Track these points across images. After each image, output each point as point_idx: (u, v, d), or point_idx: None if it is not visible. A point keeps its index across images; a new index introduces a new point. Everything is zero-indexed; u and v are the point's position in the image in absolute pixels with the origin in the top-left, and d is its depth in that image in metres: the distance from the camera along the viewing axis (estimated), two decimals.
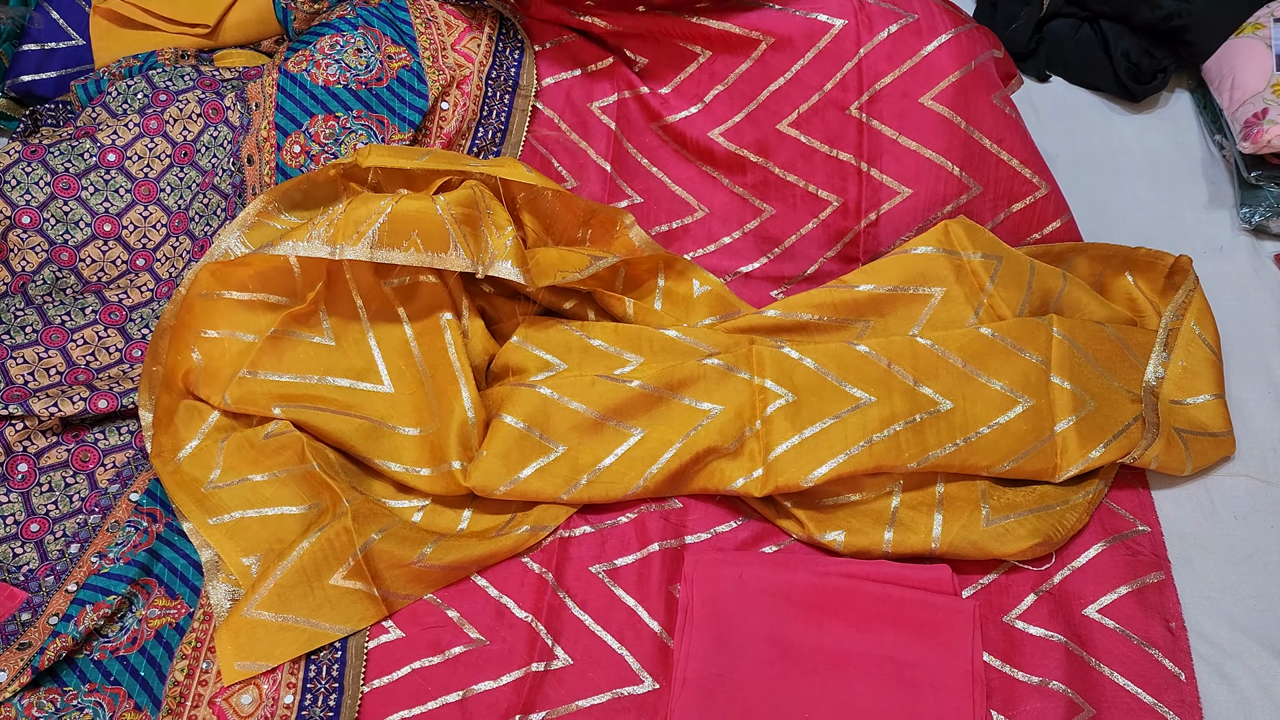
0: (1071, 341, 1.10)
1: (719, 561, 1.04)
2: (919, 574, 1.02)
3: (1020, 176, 1.23)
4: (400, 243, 1.05)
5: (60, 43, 1.45)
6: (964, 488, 1.06)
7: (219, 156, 1.29)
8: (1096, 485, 1.07)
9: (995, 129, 1.22)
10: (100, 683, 0.97)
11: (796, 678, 0.96)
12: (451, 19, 1.28)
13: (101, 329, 1.23)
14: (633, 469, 1.07)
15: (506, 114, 1.26)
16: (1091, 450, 1.05)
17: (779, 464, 1.05)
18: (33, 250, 1.25)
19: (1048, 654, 0.98)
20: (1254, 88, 1.36)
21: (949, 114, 1.20)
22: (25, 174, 1.26)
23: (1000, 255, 1.15)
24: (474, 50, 1.25)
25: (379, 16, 1.27)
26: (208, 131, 1.30)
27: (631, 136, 1.30)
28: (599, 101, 1.28)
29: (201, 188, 1.29)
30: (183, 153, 1.30)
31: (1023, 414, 1.06)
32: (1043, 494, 1.07)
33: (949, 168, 1.21)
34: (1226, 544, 1.07)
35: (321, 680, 0.97)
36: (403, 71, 1.23)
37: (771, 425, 1.07)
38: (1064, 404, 1.07)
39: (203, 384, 1.11)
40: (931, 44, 1.19)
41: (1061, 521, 1.04)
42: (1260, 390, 1.19)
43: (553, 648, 1.00)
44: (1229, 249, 1.35)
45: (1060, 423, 1.06)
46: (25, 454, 1.13)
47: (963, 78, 1.19)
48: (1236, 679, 0.98)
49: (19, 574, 1.06)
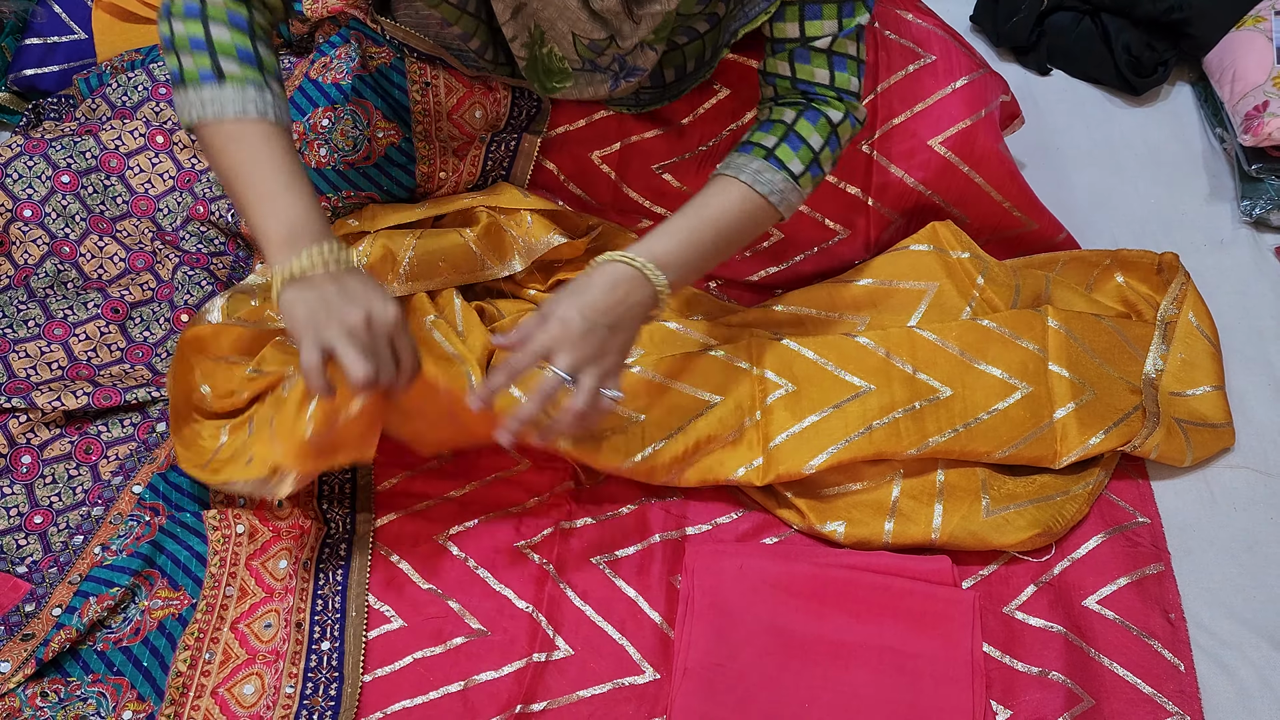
0: (1068, 331, 1.10)
1: (719, 553, 1.04)
2: (919, 565, 1.02)
3: (1011, 216, 1.24)
4: (431, 275, 1.14)
5: (63, 37, 1.45)
6: (964, 476, 1.06)
7: (213, 189, 1.30)
8: (1097, 475, 1.08)
9: (995, 175, 1.22)
10: (103, 673, 0.98)
11: (797, 668, 0.96)
12: (454, 83, 1.17)
13: (104, 324, 1.23)
14: (626, 451, 1.07)
15: (508, 166, 1.22)
16: (1091, 437, 1.06)
17: (779, 452, 1.05)
18: (34, 243, 1.25)
19: (1047, 645, 0.98)
20: (1255, 80, 1.36)
21: (953, 158, 1.20)
22: (28, 168, 1.26)
23: (985, 259, 1.17)
24: (472, 120, 1.18)
25: (371, 87, 1.18)
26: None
27: (633, 181, 1.25)
28: (599, 151, 1.23)
29: (194, 215, 1.29)
30: (186, 179, 1.30)
31: (1021, 400, 1.06)
32: (1043, 484, 1.07)
33: (938, 202, 1.22)
34: (1226, 535, 1.07)
35: (322, 670, 0.97)
36: (390, 149, 1.19)
37: (771, 415, 1.07)
38: (1063, 391, 1.07)
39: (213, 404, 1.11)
40: (946, 88, 1.19)
41: (1061, 512, 1.04)
42: (1260, 382, 1.19)
43: (554, 638, 1.00)
44: (1229, 242, 1.35)
45: (1059, 409, 1.07)
46: (29, 446, 1.13)
47: (972, 125, 1.19)
48: (1236, 670, 0.98)
49: (22, 565, 1.06)
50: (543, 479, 1.12)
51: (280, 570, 1.04)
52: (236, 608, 1.02)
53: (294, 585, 1.02)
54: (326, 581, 1.03)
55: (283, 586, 1.03)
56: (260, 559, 1.05)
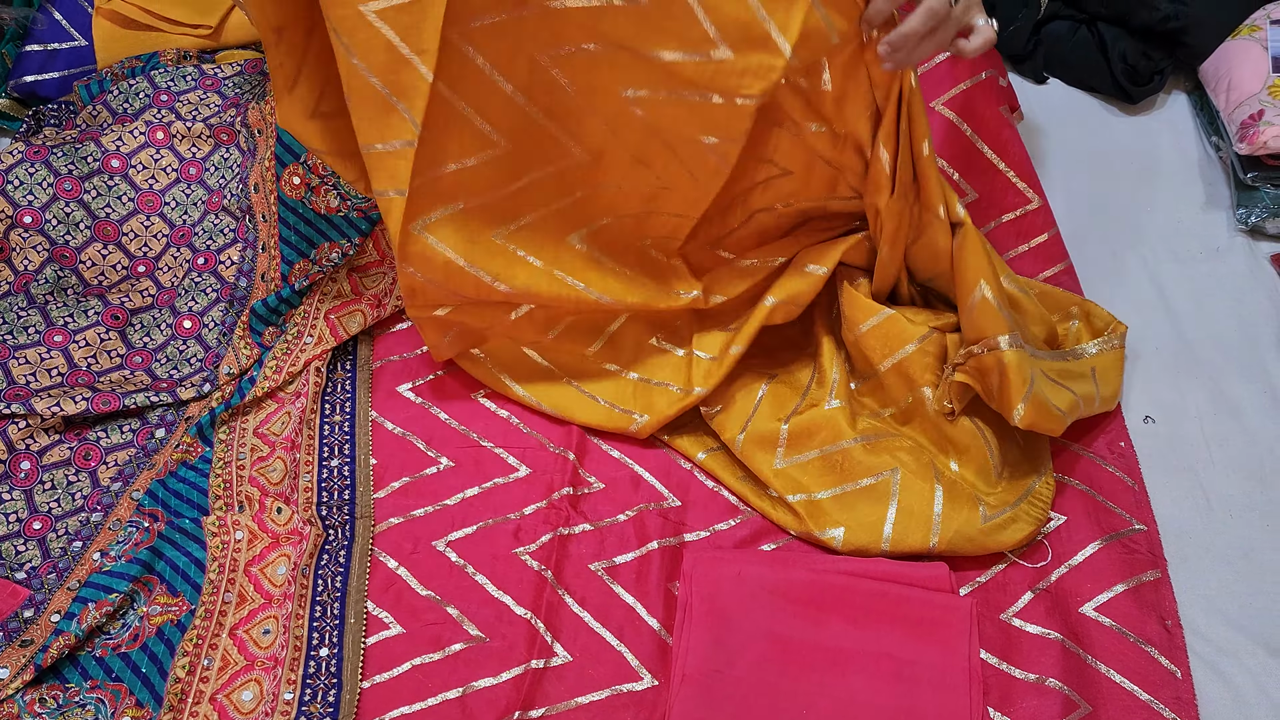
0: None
1: (717, 559, 1.05)
2: (916, 571, 1.02)
3: (1014, 188, 1.27)
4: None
5: (63, 43, 1.46)
6: (959, 486, 1.07)
7: (226, 178, 1.30)
8: (1046, 468, 1.10)
9: (996, 138, 1.26)
10: (102, 679, 0.98)
11: (795, 674, 0.97)
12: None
13: (104, 330, 1.23)
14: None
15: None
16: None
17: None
18: (34, 250, 1.25)
19: (1045, 651, 0.98)
20: (1250, 89, 1.37)
21: (955, 119, 1.24)
22: (29, 174, 1.26)
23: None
24: None
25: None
26: (218, 152, 1.31)
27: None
28: None
29: (211, 208, 1.30)
30: (190, 169, 1.31)
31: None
32: (1022, 475, 1.08)
33: (949, 173, 1.24)
34: (1223, 542, 1.08)
35: (321, 676, 0.97)
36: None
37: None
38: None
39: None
40: (942, 54, 1.23)
41: (1041, 498, 1.06)
42: (1256, 390, 1.20)
43: (552, 645, 1.01)
44: (1225, 250, 1.35)
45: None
46: (28, 452, 1.13)
47: (971, 87, 1.23)
48: (1232, 676, 0.98)
49: (21, 571, 1.06)
50: (541, 485, 1.12)
51: (279, 576, 1.04)
52: (235, 614, 1.02)
53: (293, 591, 1.02)
54: (325, 588, 1.04)
55: (281, 593, 1.03)
56: (259, 565, 1.05)
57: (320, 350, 1.20)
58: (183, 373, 1.23)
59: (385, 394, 1.21)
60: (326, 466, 1.14)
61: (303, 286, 1.23)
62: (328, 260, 1.24)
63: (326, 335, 1.21)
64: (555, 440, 1.16)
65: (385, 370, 1.23)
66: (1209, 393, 1.20)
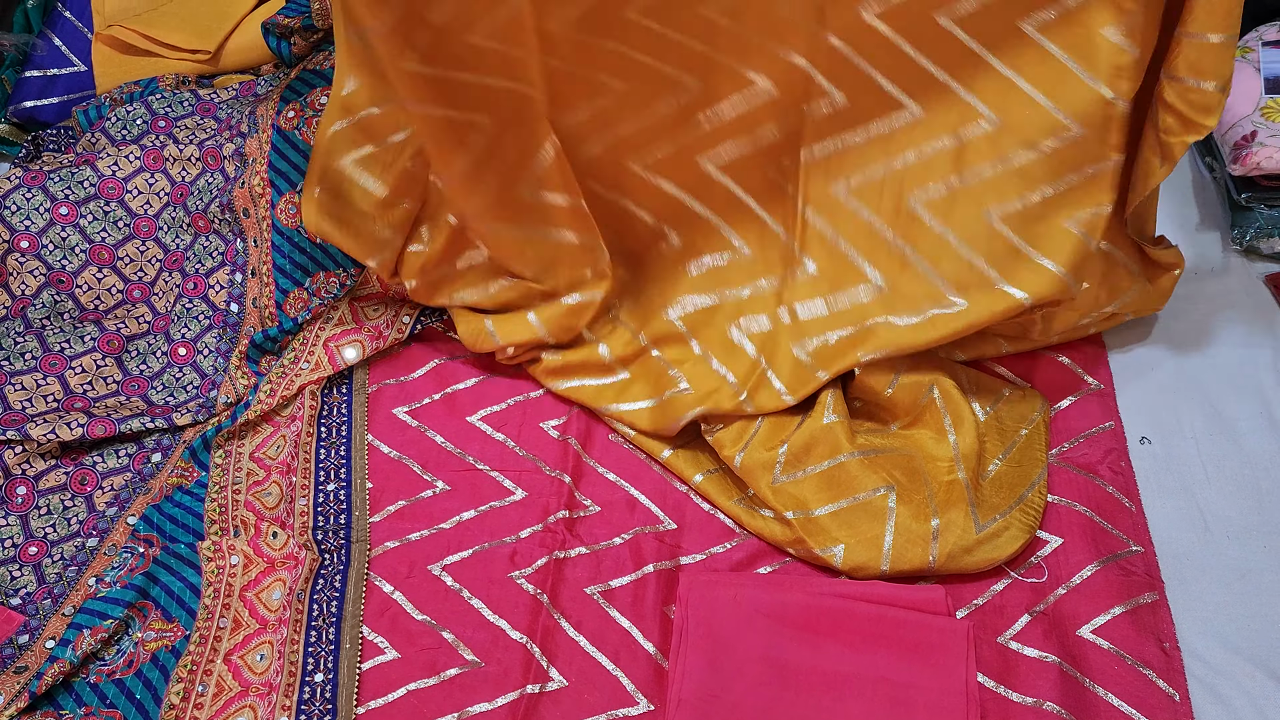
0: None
1: (714, 582, 1.04)
2: (913, 594, 1.02)
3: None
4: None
5: (63, 69, 1.47)
6: (951, 490, 1.07)
7: (204, 200, 1.31)
8: (1040, 478, 1.10)
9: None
10: (96, 705, 0.97)
11: (791, 698, 0.96)
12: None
13: (100, 357, 1.24)
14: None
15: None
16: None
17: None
18: (31, 274, 1.26)
19: (1042, 674, 0.98)
20: (1242, 111, 1.37)
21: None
22: (26, 200, 1.27)
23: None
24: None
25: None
26: (203, 176, 1.32)
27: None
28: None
29: (201, 230, 1.30)
30: (179, 193, 1.32)
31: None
32: (1012, 486, 1.09)
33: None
34: (1220, 564, 1.07)
35: (316, 702, 0.97)
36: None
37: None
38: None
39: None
40: None
41: (1033, 507, 1.07)
42: (1252, 410, 1.20)
43: (548, 669, 1.00)
44: (1221, 270, 1.36)
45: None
46: (24, 477, 1.14)
47: None
48: (1230, 699, 0.98)
49: (16, 597, 1.06)
50: (536, 509, 1.12)
51: (274, 601, 1.04)
52: (230, 639, 1.02)
53: (288, 616, 1.02)
54: (320, 613, 1.03)
55: (276, 618, 1.03)
56: (254, 590, 1.05)
57: (316, 377, 1.20)
58: (179, 399, 1.23)
59: (381, 417, 1.21)
60: (323, 490, 1.13)
61: (304, 321, 1.24)
62: (326, 291, 1.25)
63: (324, 363, 1.21)
64: (551, 463, 1.16)
65: (381, 394, 1.24)
66: (1205, 413, 1.20)
